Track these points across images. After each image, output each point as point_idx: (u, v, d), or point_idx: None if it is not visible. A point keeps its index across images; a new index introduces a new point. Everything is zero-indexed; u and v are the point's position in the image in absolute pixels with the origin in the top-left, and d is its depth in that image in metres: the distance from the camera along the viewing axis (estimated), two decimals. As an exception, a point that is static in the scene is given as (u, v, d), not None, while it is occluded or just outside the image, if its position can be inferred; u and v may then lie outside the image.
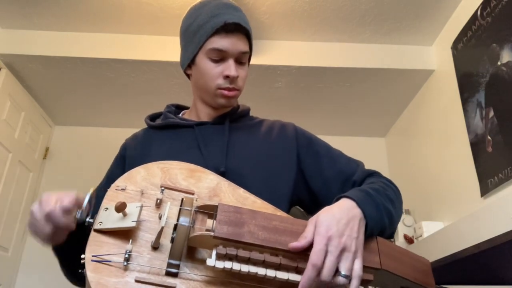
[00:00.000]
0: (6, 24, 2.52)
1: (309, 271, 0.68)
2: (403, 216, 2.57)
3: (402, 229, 2.51)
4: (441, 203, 2.41)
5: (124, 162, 1.07)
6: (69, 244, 0.83)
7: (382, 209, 0.82)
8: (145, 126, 1.16)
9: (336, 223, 0.72)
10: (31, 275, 2.88)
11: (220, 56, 1.00)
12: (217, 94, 1.03)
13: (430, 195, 2.54)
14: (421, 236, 2.29)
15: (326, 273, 0.68)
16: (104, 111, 3.15)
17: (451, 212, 2.28)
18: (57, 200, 0.76)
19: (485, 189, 1.93)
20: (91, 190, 0.76)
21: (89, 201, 0.75)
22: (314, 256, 0.68)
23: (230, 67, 1.00)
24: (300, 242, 0.70)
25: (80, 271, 0.69)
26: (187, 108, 1.22)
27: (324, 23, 2.46)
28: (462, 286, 1.81)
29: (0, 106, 2.51)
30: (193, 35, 1.02)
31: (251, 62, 1.14)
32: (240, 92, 1.06)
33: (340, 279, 0.68)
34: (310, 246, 0.70)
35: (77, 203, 0.76)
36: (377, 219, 0.79)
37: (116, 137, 3.24)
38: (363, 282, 0.73)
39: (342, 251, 0.70)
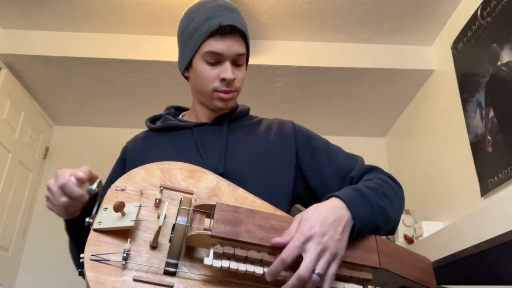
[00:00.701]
0: (6, 24, 2.52)
1: (276, 263, 0.67)
2: (403, 216, 2.57)
3: (402, 229, 2.51)
4: (441, 203, 2.41)
5: (124, 164, 1.07)
6: (81, 220, 0.84)
7: (375, 207, 0.81)
8: (145, 127, 1.16)
9: (321, 223, 0.72)
10: (31, 275, 2.88)
11: (216, 59, 1.00)
12: (214, 96, 1.03)
13: (430, 195, 2.54)
14: (421, 236, 2.29)
15: (303, 271, 0.67)
16: (104, 111, 3.15)
17: (451, 212, 2.27)
18: (71, 173, 0.80)
19: (485, 189, 1.93)
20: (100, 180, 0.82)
21: (99, 184, 0.81)
22: (286, 251, 0.68)
23: (226, 70, 1.00)
24: (284, 238, 0.70)
25: (79, 270, 0.69)
26: (186, 109, 1.22)
27: (324, 23, 2.46)
28: (462, 286, 1.81)
29: (0, 106, 2.51)
30: (189, 37, 1.02)
31: (251, 62, 1.14)
32: (237, 93, 1.06)
33: (314, 277, 0.68)
34: None
35: (90, 175, 0.81)
36: (367, 219, 0.78)
37: (116, 137, 3.27)
38: (362, 281, 0.73)
39: (322, 250, 0.69)
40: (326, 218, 0.73)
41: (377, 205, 0.82)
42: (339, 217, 0.74)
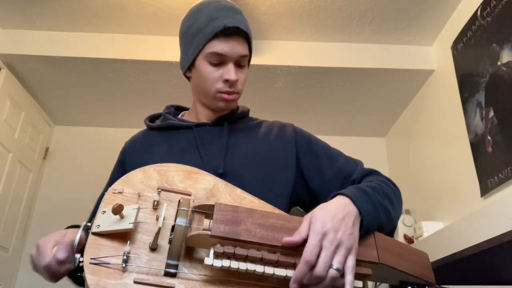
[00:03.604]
0: (6, 24, 2.52)
1: (301, 266, 0.68)
2: (403, 216, 2.57)
3: (402, 229, 2.52)
4: (441, 203, 2.41)
5: (124, 166, 1.07)
6: (70, 276, 0.87)
7: (378, 206, 0.82)
8: (145, 127, 1.16)
9: (331, 219, 0.72)
10: (31, 275, 2.88)
11: (219, 60, 1.00)
12: (216, 97, 1.02)
13: (430, 195, 2.54)
14: (421, 236, 2.29)
15: (320, 268, 0.68)
16: (104, 111, 3.15)
17: (451, 212, 2.28)
18: (53, 246, 0.78)
19: (485, 189, 1.93)
20: (82, 224, 0.76)
21: (79, 241, 0.76)
22: (308, 252, 0.68)
23: (229, 71, 1.00)
24: (294, 238, 0.71)
25: (79, 274, 0.69)
26: (186, 109, 1.22)
27: (324, 23, 2.45)
28: (462, 286, 1.81)
29: (0, 106, 2.52)
30: (192, 38, 1.02)
31: (252, 62, 1.13)
32: (239, 95, 1.06)
33: (331, 271, 0.68)
34: (304, 242, 0.70)
35: (71, 248, 0.78)
36: (373, 216, 0.79)
37: (116, 137, 3.27)
38: (362, 276, 0.73)
39: (337, 246, 0.70)
40: (336, 214, 0.73)
41: (379, 203, 0.83)
42: (348, 213, 0.75)
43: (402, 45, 2.60)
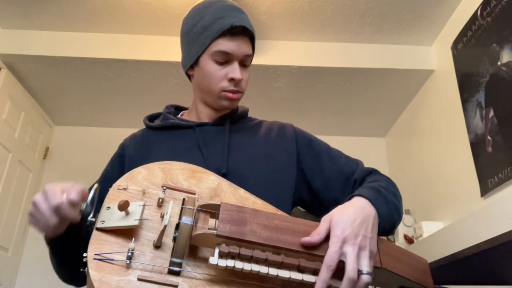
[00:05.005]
0: (6, 24, 2.52)
1: (324, 272, 0.68)
2: (403, 216, 2.57)
3: (402, 229, 2.52)
4: (441, 203, 2.41)
5: (122, 161, 1.06)
6: (66, 235, 0.82)
7: (392, 206, 0.84)
8: (144, 126, 1.15)
9: (351, 224, 0.73)
10: (31, 275, 2.88)
11: (225, 59, 1.00)
12: (221, 96, 1.03)
13: (430, 195, 2.55)
14: (421, 236, 2.30)
15: (351, 272, 0.68)
16: (104, 111, 3.15)
17: (451, 212, 2.28)
18: (63, 191, 0.75)
19: (485, 189, 1.93)
20: (95, 185, 0.77)
21: (94, 195, 0.76)
22: (328, 257, 0.69)
23: (235, 70, 1.00)
24: (313, 238, 0.71)
25: (81, 269, 0.68)
26: (185, 108, 1.22)
27: (324, 23, 2.46)
28: (462, 286, 1.81)
29: (0, 106, 2.51)
30: (197, 36, 1.02)
31: (252, 62, 1.14)
32: (243, 94, 1.06)
33: (365, 277, 0.69)
34: (319, 244, 0.71)
35: (83, 195, 0.75)
36: (388, 216, 0.81)
37: (116, 137, 3.24)
38: None
39: (359, 250, 0.71)
40: (355, 219, 0.74)
41: (392, 202, 0.85)
42: (367, 216, 0.76)
43: (402, 45, 2.61)
